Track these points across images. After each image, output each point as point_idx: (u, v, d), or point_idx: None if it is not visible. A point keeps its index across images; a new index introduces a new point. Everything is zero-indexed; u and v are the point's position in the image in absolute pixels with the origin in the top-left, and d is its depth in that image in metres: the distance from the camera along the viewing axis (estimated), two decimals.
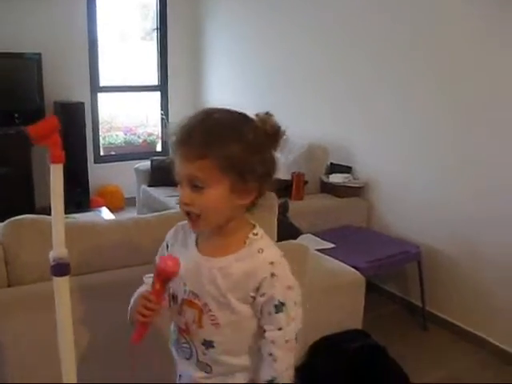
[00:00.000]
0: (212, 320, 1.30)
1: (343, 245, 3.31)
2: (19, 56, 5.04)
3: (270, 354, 1.29)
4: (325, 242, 3.27)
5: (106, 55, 5.62)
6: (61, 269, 1.29)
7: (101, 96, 5.66)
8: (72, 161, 5.11)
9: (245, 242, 1.29)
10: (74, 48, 5.41)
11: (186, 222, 1.33)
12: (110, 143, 5.98)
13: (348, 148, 4.01)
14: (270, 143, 1.28)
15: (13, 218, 1.95)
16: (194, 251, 1.34)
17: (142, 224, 2.14)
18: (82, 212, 4.42)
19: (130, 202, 5.55)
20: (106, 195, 5.58)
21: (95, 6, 5.44)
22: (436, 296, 3.42)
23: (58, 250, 1.29)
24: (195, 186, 1.23)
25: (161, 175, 4.67)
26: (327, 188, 3.96)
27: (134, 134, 6.08)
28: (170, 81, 5.94)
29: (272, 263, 1.26)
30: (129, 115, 6.08)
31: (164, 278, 1.26)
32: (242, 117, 1.28)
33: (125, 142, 6.03)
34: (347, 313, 2.53)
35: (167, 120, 5.87)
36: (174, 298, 1.39)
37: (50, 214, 1.68)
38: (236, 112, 1.29)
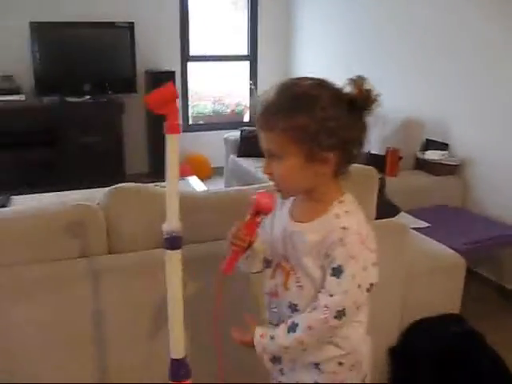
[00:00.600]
0: (297, 282, 1.33)
1: (439, 225, 3.19)
2: (111, 25, 5.15)
3: (310, 309, 1.28)
4: (420, 221, 3.17)
5: (196, 25, 5.64)
6: (174, 242, 1.29)
7: (191, 65, 5.70)
8: (159, 130, 5.25)
9: (328, 209, 1.29)
10: (165, 18, 5.47)
11: None
12: (199, 112, 6.04)
13: (445, 124, 3.84)
14: (357, 108, 1.25)
15: (117, 186, 1.93)
16: (286, 215, 1.37)
17: (233, 197, 2.12)
18: None
19: (218, 172, 5.60)
20: (194, 164, 5.62)
21: None
22: None
23: (172, 223, 1.29)
24: (272, 156, 1.26)
25: (250, 146, 4.66)
26: (422, 165, 3.82)
27: (223, 104, 6.10)
28: (260, 50, 5.90)
29: (344, 228, 1.24)
30: (218, 85, 6.09)
31: (256, 211, 1.30)
32: (318, 84, 1.26)
33: (213, 112, 6.06)
34: (446, 296, 2.44)
35: (256, 90, 5.84)
36: (268, 262, 1.44)
37: (140, 182, 1.69)
38: (314, 79, 1.28)
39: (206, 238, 1.90)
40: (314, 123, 1.21)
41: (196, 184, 4.31)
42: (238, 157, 4.79)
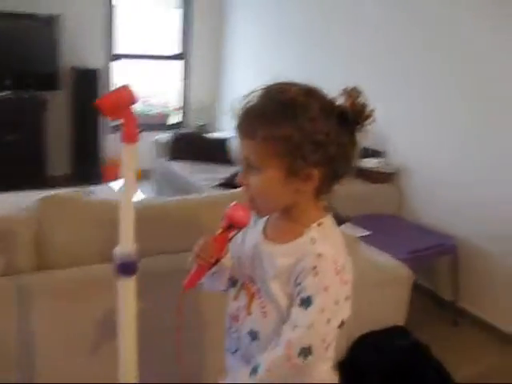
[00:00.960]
0: (262, 308, 1.20)
1: (378, 233, 3.18)
2: (32, 17, 4.83)
3: (272, 348, 1.14)
4: (360, 230, 3.15)
5: (125, 21, 5.42)
6: (128, 268, 1.14)
7: (119, 63, 5.47)
8: (84, 130, 5.03)
9: (304, 231, 1.17)
10: (92, 12, 5.20)
11: None
12: None
13: (381, 132, 3.85)
14: (348, 122, 1.14)
15: (49, 193, 1.80)
16: (259, 233, 1.26)
17: (187, 205, 2.02)
18: (96, 184, 4.26)
19: (145, 175, 5.39)
20: (119, 167, 5.40)
21: None
22: (468, 291, 3.32)
23: (126, 245, 1.13)
24: (250, 167, 1.14)
25: (183, 148, 4.53)
26: (359, 173, 3.82)
27: (151, 105, 5.90)
28: (194, 50, 5.74)
29: (319, 255, 1.11)
30: (146, 85, 5.89)
31: (229, 224, 1.20)
32: (308, 91, 1.14)
33: (142, 113, 5.86)
34: (393, 308, 2.41)
35: (189, 90, 5.70)
36: (233, 281, 1.32)
37: (61, 185, 1.52)
38: (303, 86, 1.16)
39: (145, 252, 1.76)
40: (301, 135, 1.09)
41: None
42: (169, 160, 4.61)
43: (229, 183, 3.80)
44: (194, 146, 4.59)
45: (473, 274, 3.29)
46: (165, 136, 4.83)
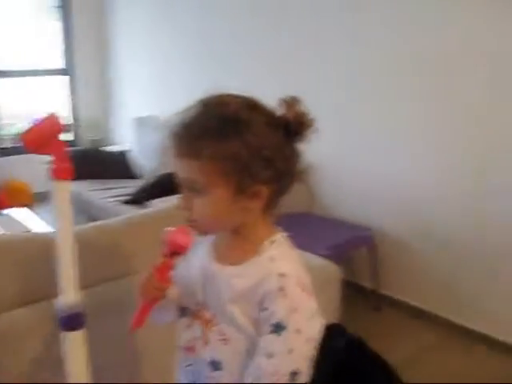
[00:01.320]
0: (220, 335, 1.12)
1: (293, 232, 3.16)
2: None
3: (254, 379, 1.06)
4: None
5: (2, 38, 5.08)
6: (74, 321, 1.02)
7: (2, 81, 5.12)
8: None
9: (257, 251, 1.10)
10: None
11: None
12: (13, 134, 5.44)
13: None
14: (291, 134, 1.09)
15: None
16: (206, 255, 1.18)
17: (107, 232, 1.89)
18: None
19: (40, 198, 5.10)
20: (13, 192, 5.05)
21: None
22: (387, 277, 3.41)
23: (69, 296, 1.00)
24: (192, 189, 1.06)
25: (81, 166, 4.26)
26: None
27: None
28: (76, 65, 5.48)
29: (283, 275, 1.06)
30: (30, 102, 5.54)
31: (171, 251, 1.10)
32: (250, 104, 1.08)
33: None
34: (327, 307, 2.39)
35: (76, 106, 5.43)
36: (183, 310, 1.22)
37: None
38: (243, 98, 1.09)
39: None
40: (249, 152, 1.02)
41: (20, 217, 3.82)
42: None
43: (136, 199, 3.66)
44: (92, 162, 4.38)
45: (390, 260, 3.39)
46: None
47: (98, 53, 5.57)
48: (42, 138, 0.97)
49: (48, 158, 1.01)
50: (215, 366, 1.13)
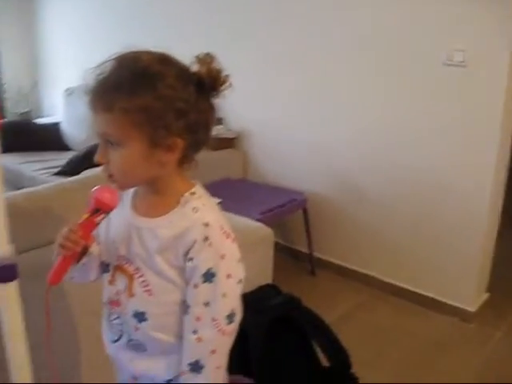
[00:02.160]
0: (144, 286, 1.16)
1: (228, 198, 3.17)
2: None
3: (194, 332, 1.12)
4: (212, 198, 3.14)
5: None
6: (7, 272, 1.01)
7: None
8: None
9: (179, 202, 1.14)
10: None
11: None
12: None
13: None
14: (205, 89, 1.11)
15: None
16: (129, 210, 1.20)
17: (36, 198, 1.86)
18: None
19: None
20: None
21: None
22: (321, 240, 3.49)
23: (1, 248, 1.00)
24: (109, 143, 1.08)
25: (7, 140, 4.15)
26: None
27: None
28: (2, 33, 5.23)
29: (207, 225, 1.10)
30: None
31: (96, 208, 1.11)
32: (162, 59, 1.10)
33: None
34: (260, 269, 2.45)
35: (0, 78, 5.21)
36: (105, 266, 1.24)
37: None
38: (156, 53, 1.11)
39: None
40: (161, 103, 1.04)
41: None
42: None
43: (66, 171, 3.58)
44: (23, 134, 4.24)
45: (323, 224, 3.47)
46: None
47: (23, 22, 5.34)
48: None
49: None
50: (140, 317, 1.17)
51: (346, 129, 3.27)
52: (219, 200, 3.20)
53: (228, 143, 3.77)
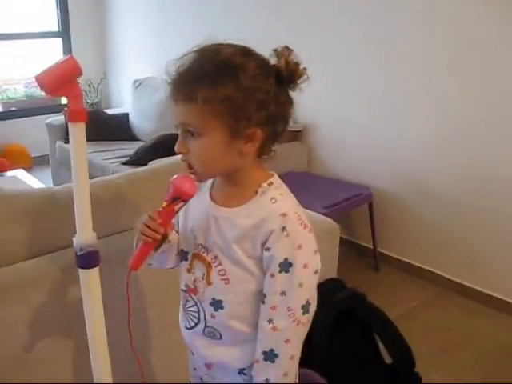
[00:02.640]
0: (221, 275, 1.18)
1: (293, 192, 3.16)
2: None
3: (270, 321, 1.14)
4: None
5: None
6: (90, 259, 1.06)
7: None
8: None
9: (257, 192, 1.15)
10: None
11: None
12: (10, 98, 5.41)
13: None
14: (283, 81, 1.13)
15: None
16: (207, 200, 1.22)
17: (110, 187, 1.91)
18: None
19: (40, 161, 5.12)
20: (11, 156, 5.06)
21: None
22: (385, 236, 3.44)
23: (85, 235, 1.04)
24: (190, 133, 1.09)
25: None
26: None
27: (36, 87, 5.50)
28: (72, 27, 5.41)
29: (284, 215, 1.11)
30: (27, 66, 5.49)
31: (175, 196, 1.13)
32: (244, 51, 1.12)
33: (26, 96, 5.47)
34: (325, 262, 2.42)
35: None
36: (184, 254, 1.26)
37: None
38: (237, 46, 1.13)
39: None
40: (242, 94, 1.06)
41: (25, 178, 3.84)
42: (65, 143, 4.35)
43: (134, 161, 3.67)
44: (92, 124, 4.33)
45: (388, 220, 3.42)
46: (58, 118, 4.54)
47: (94, 14, 5.51)
48: (60, 79, 0.98)
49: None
50: (216, 305, 1.19)
51: (414, 125, 3.19)
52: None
53: (294, 136, 3.76)
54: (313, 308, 1.16)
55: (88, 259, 1.04)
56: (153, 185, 1.90)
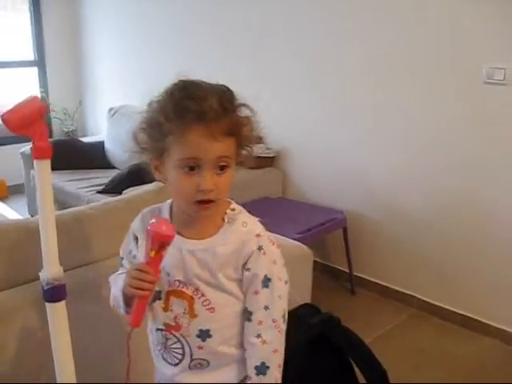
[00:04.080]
0: (206, 305, 1.21)
1: (267, 217, 3.18)
2: None
3: (258, 336, 1.21)
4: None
5: None
6: (56, 293, 1.06)
7: None
8: None
9: (223, 219, 1.21)
10: None
11: (151, 208, 1.29)
12: None
13: (257, 118, 3.89)
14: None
15: None
16: (177, 238, 1.20)
17: (81, 217, 1.92)
18: None
19: (15, 190, 5.08)
20: None
21: None
22: (360, 259, 3.47)
23: (52, 269, 1.05)
24: (220, 168, 1.13)
25: (53, 159, 4.26)
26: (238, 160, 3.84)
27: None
28: (48, 55, 5.43)
29: (258, 235, 1.21)
30: (1, 95, 5.48)
31: (160, 244, 1.13)
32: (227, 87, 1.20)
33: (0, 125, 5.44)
34: (298, 288, 2.44)
35: (47, 97, 5.38)
36: (156, 293, 1.25)
37: None
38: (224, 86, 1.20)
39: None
40: (250, 122, 1.17)
41: (3, 209, 3.81)
42: None
43: (109, 189, 3.68)
44: (66, 153, 4.35)
45: (363, 243, 3.46)
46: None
47: (69, 43, 5.52)
48: (25, 118, 1.00)
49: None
50: (204, 335, 1.22)
51: (386, 149, 3.26)
52: (258, 218, 3.25)
53: (267, 162, 3.80)
54: (286, 316, 1.25)
55: (54, 293, 1.05)
56: (126, 214, 1.91)
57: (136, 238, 1.29)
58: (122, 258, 1.34)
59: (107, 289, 1.29)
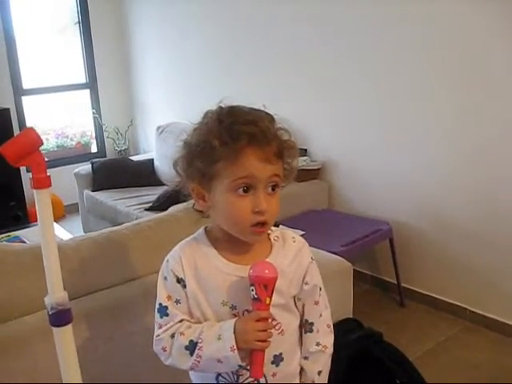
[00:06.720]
0: (277, 329, 1.19)
1: (312, 230, 3.19)
2: None
3: (318, 344, 1.25)
4: (296, 230, 3.15)
5: (25, 55, 5.20)
6: (61, 317, 1.08)
7: (26, 99, 5.27)
8: (3, 173, 4.81)
9: (269, 239, 1.22)
10: None
11: (187, 242, 1.21)
12: (44, 149, 5.60)
13: (301, 130, 3.89)
14: None
15: None
16: (231, 267, 1.17)
17: (115, 238, 1.95)
18: (23, 227, 4.05)
19: (71, 210, 5.25)
20: None
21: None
22: (409, 271, 3.39)
23: (56, 294, 1.07)
24: (272, 188, 1.14)
25: (104, 178, 4.41)
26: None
27: (67, 137, 5.72)
28: (99, 78, 5.61)
29: (304, 245, 1.26)
30: (59, 118, 5.70)
31: (272, 288, 1.10)
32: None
33: (57, 146, 5.66)
34: (338, 302, 2.40)
35: (100, 119, 5.55)
36: None
37: None
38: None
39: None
40: (295, 146, 1.20)
41: (56, 229, 3.95)
42: (92, 191, 4.47)
43: (156, 207, 3.74)
44: (117, 172, 4.48)
45: (411, 254, 3.37)
46: (85, 167, 4.68)
47: (119, 65, 5.69)
48: (21, 151, 1.03)
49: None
50: (277, 360, 1.20)
51: (432, 157, 3.17)
52: (302, 232, 3.24)
53: (313, 174, 3.78)
54: None
55: (59, 317, 1.06)
56: (157, 233, 1.95)
57: (180, 280, 1.18)
58: (166, 307, 1.18)
59: (164, 344, 1.18)
